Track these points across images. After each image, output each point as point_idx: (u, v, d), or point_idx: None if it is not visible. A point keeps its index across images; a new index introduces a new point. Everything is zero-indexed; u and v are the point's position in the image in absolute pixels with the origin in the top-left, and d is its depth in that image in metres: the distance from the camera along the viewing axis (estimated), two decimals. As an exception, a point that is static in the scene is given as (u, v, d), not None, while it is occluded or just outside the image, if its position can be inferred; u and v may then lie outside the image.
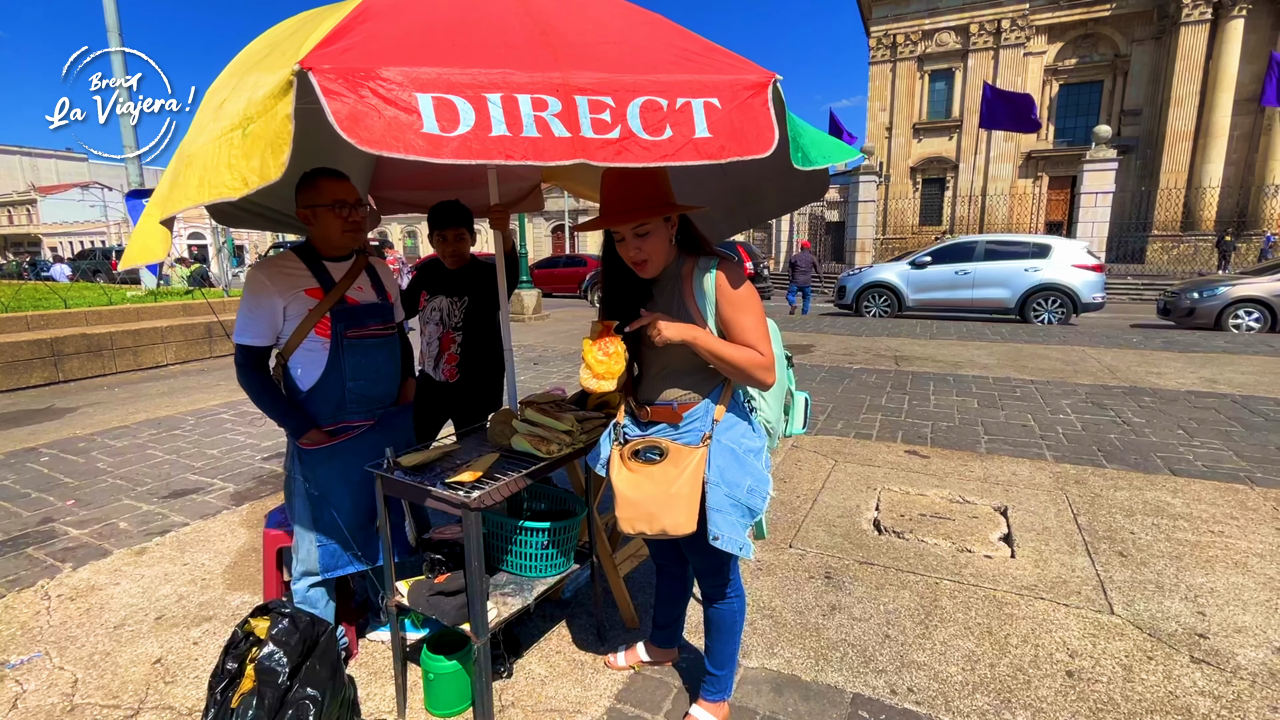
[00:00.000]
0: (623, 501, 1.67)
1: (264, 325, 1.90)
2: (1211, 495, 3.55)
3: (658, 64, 1.27)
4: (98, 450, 4.64)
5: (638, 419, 1.74)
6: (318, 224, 1.95)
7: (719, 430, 1.64)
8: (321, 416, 2.00)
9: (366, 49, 1.11)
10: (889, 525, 3.21)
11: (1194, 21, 23.28)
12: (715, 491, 1.60)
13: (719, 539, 1.58)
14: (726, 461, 1.61)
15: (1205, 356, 7.81)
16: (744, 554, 1.60)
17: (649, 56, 1.30)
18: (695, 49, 1.38)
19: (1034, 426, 4.93)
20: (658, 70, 1.23)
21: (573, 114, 1.10)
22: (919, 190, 29.30)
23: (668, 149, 1.15)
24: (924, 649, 2.26)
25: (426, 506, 1.81)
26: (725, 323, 1.58)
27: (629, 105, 1.14)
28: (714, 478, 1.60)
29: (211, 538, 3.21)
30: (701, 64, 1.30)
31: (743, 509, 1.60)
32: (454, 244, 2.60)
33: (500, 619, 1.82)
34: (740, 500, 1.60)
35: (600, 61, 1.21)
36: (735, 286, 1.57)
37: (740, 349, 1.55)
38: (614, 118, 1.13)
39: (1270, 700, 1.98)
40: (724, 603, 1.79)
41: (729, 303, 1.57)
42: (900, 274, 12.81)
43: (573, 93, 1.11)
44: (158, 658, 2.27)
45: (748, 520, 1.62)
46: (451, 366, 2.71)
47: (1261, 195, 21.89)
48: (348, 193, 1.95)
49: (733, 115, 1.20)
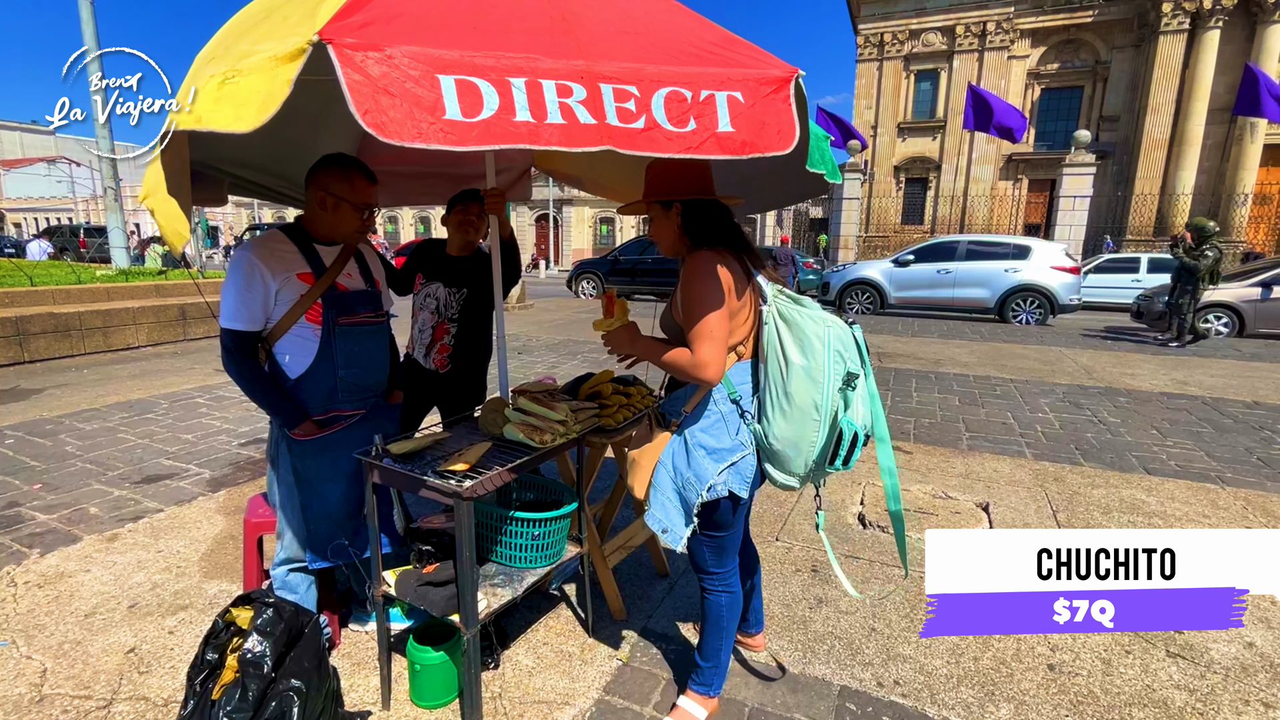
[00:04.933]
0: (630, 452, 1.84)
1: (256, 309, 1.83)
2: (1184, 494, 3.63)
3: (680, 55, 1.25)
4: (66, 433, 4.49)
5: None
6: (334, 215, 1.89)
7: (687, 419, 1.70)
8: (312, 406, 1.94)
9: (387, 26, 1.06)
10: (874, 520, 3.24)
11: (1172, 31, 23.72)
12: (660, 471, 1.71)
13: (648, 513, 1.69)
14: (678, 449, 1.69)
15: (1177, 359, 8.02)
16: (665, 539, 1.67)
17: (671, 47, 1.27)
18: (717, 40, 1.36)
19: (1014, 424, 5.02)
20: (681, 62, 1.21)
21: (598, 101, 1.08)
22: (902, 189, 29.56)
23: (691, 141, 1.14)
24: (909, 642, 2.28)
25: (411, 495, 1.77)
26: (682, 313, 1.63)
27: (653, 95, 1.12)
28: (664, 458, 1.72)
29: (187, 524, 3.13)
30: (724, 57, 1.28)
31: (678, 496, 1.67)
32: (477, 220, 2.54)
33: (490, 610, 1.80)
34: (679, 488, 1.67)
35: (623, 51, 1.19)
36: (690, 276, 1.58)
37: (674, 351, 1.60)
38: (639, 108, 1.10)
39: (1243, 694, 2.03)
40: (709, 594, 1.80)
41: (681, 290, 1.61)
42: (883, 272, 12.93)
43: (597, 80, 1.09)
44: (131, 647, 2.20)
45: (679, 506, 1.67)
46: (443, 357, 2.65)
47: (1231, 204, 22.47)
48: (374, 197, 1.94)
49: (756, 110, 1.19)
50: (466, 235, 2.57)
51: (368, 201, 1.88)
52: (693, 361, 1.55)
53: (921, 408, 5.51)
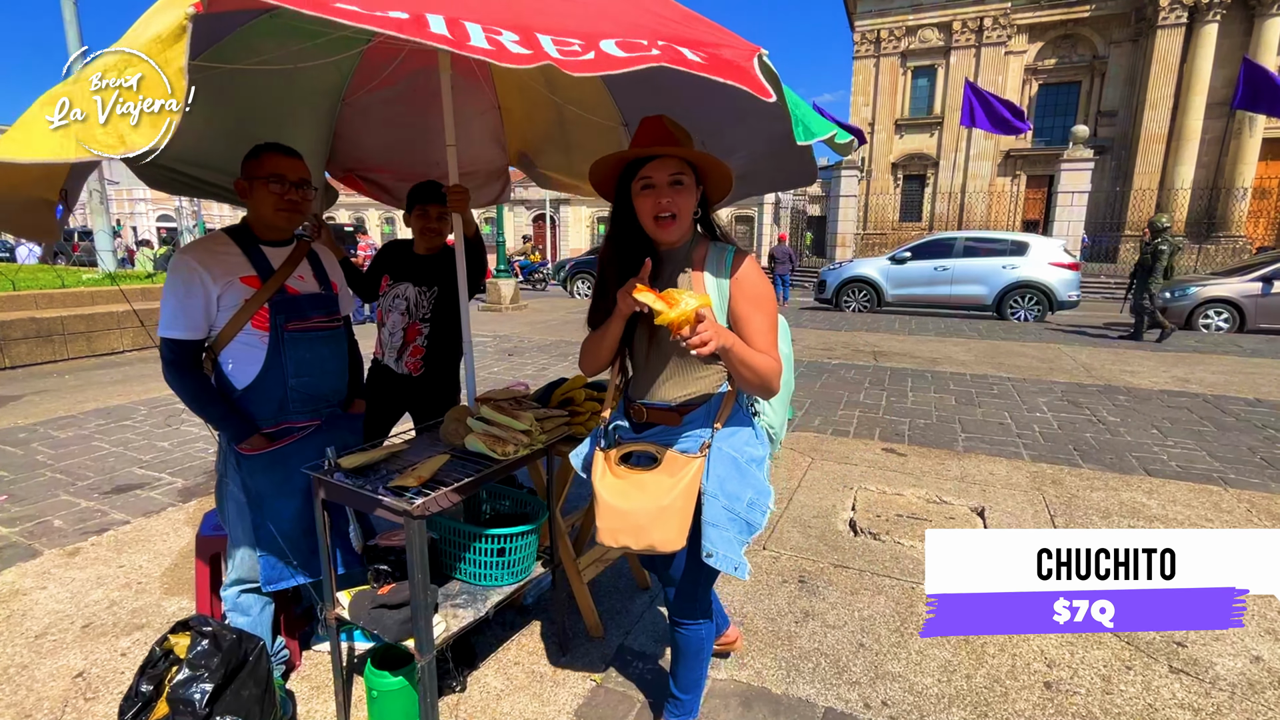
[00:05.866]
0: (607, 511, 1.50)
1: (197, 316, 1.73)
2: (1186, 496, 3.53)
3: (634, 28, 1.12)
4: (39, 441, 4.38)
5: (632, 419, 1.59)
6: (251, 198, 1.79)
7: (720, 437, 1.48)
8: (261, 418, 1.83)
9: None
10: (865, 526, 3.13)
11: (1170, 25, 23.58)
12: (713, 504, 1.45)
13: (713, 556, 1.45)
14: (728, 471, 1.46)
15: (1177, 356, 7.90)
16: (739, 574, 1.46)
17: (624, 20, 1.15)
18: (676, 16, 1.24)
19: (1011, 425, 4.91)
20: (634, 32, 1.09)
21: (533, 42, 0.95)
22: (900, 186, 29.42)
23: (653, 58, 0.99)
24: (899, 659, 2.17)
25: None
26: (739, 319, 1.42)
27: (600, 42, 0.99)
28: (712, 489, 1.45)
29: (153, 537, 3.01)
30: (682, 29, 1.16)
31: (741, 524, 1.46)
32: (436, 222, 2.44)
33: (448, 634, 1.69)
34: (739, 514, 1.46)
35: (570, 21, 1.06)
36: (758, 280, 1.43)
37: (763, 357, 1.37)
38: (585, 47, 0.98)
39: (1249, 712, 1.92)
40: (694, 626, 1.64)
41: (747, 298, 1.41)
42: (880, 269, 12.81)
43: (535, 31, 0.96)
44: (80, 671, 2.09)
45: (745, 537, 1.48)
46: (416, 360, 2.54)
47: (1230, 198, 22.34)
48: (290, 169, 1.80)
49: (722, 65, 1.06)
50: (429, 240, 2.47)
51: (275, 171, 1.75)
52: (779, 369, 1.40)
53: (917, 408, 5.40)
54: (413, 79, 2.49)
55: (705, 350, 1.22)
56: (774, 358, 1.39)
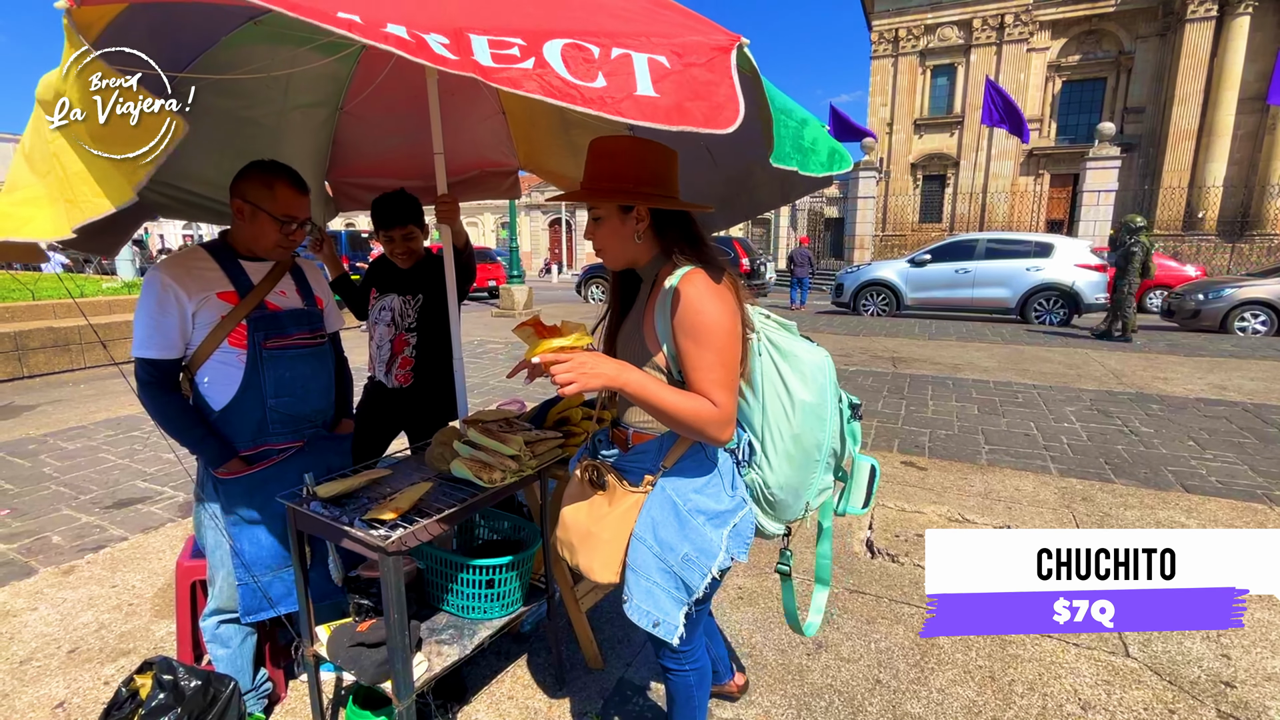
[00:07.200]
0: (559, 521, 1.47)
1: (172, 334, 1.65)
2: (1228, 515, 3.31)
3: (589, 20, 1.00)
4: (48, 453, 4.38)
5: (609, 436, 1.48)
6: (251, 225, 1.70)
7: (668, 475, 1.32)
8: (240, 440, 1.75)
9: None
10: (883, 547, 2.97)
11: (1199, 19, 22.92)
12: (638, 547, 1.31)
13: (628, 603, 1.32)
14: (664, 516, 1.30)
15: (1212, 361, 7.58)
16: (658, 632, 1.29)
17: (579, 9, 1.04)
18: (642, 4, 1.12)
19: (1037, 436, 4.69)
20: (589, 26, 0.97)
21: (464, 46, 0.84)
22: (919, 187, 28.95)
23: (603, 97, 0.87)
24: (919, 697, 2.02)
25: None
26: (679, 355, 1.24)
27: (544, 45, 0.88)
28: (641, 531, 1.31)
29: (149, 554, 2.96)
30: (647, 21, 1.04)
31: (674, 579, 1.29)
32: (403, 243, 2.34)
33: (430, 675, 1.58)
34: (671, 567, 1.28)
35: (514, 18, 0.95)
36: (699, 308, 1.19)
37: (684, 398, 1.20)
38: (524, 53, 0.86)
39: (1311, 767, 1.74)
40: (680, 673, 1.50)
41: (683, 330, 1.21)
42: (899, 272, 12.55)
43: (467, 31, 0.85)
44: (61, 700, 2.02)
45: (682, 595, 1.30)
46: (405, 371, 2.45)
47: (1265, 195, 21.61)
48: (301, 209, 1.72)
49: (687, 78, 0.94)
50: (402, 260, 2.39)
51: (289, 213, 1.67)
52: (717, 417, 1.20)
53: (938, 418, 5.21)
54: (410, 87, 2.41)
55: (568, 391, 1.13)
56: (713, 400, 1.20)
